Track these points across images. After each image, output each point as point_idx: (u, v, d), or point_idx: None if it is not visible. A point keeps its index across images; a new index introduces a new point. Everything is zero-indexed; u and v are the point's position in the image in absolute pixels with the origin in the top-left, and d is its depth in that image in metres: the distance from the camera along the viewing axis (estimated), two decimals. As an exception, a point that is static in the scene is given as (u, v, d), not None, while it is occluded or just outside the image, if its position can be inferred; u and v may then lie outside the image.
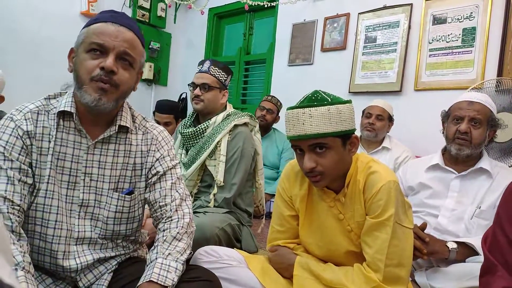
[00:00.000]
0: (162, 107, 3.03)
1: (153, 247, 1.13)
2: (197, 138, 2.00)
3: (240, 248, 1.80)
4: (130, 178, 1.19)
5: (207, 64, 2.01)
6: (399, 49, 3.12)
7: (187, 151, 2.05)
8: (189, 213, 1.20)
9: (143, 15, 4.52)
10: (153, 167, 1.20)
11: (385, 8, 3.23)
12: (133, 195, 1.18)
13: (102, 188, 1.15)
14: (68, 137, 1.11)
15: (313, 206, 1.34)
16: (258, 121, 3.37)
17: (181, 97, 4.36)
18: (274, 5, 3.94)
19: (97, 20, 1.09)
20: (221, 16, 4.78)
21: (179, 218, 1.16)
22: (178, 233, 1.13)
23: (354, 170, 1.25)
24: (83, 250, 1.13)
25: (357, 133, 2.74)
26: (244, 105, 4.40)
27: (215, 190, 1.91)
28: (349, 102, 1.19)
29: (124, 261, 1.22)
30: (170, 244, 1.11)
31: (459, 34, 2.83)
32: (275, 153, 3.44)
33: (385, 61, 3.20)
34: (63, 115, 1.12)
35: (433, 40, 2.95)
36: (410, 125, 2.96)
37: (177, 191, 1.20)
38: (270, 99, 3.50)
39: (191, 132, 1.99)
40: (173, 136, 2.26)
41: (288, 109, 1.20)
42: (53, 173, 1.09)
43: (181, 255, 1.11)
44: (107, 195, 1.15)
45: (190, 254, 1.17)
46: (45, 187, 1.07)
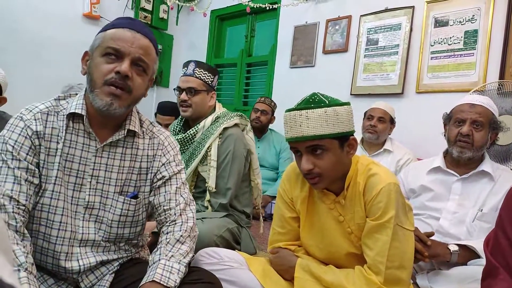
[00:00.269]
0: (164, 109, 3.03)
1: (155, 249, 1.13)
2: (187, 144, 1.95)
3: (240, 250, 1.79)
4: (135, 182, 1.20)
5: (191, 66, 1.95)
6: (401, 51, 3.12)
7: None
8: (193, 217, 1.21)
9: (145, 17, 4.53)
10: (158, 172, 1.21)
11: (387, 10, 3.23)
12: (138, 199, 1.19)
13: (108, 191, 1.16)
14: (77, 139, 1.12)
15: (313, 208, 1.34)
16: (253, 123, 3.41)
17: (183, 99, 4.36)
18: (276, 7, 3.94)
19: (114, 26, 1.11)
20: (223, 18, 4.79)
21: (183, 222, 1.17)
22: (181, 236, 1.14)
23: (354, 172, 1.25)
24: (86, 252, 1.13)
25: (359, 135, 2.77)
26: (245, 106, 4.41)
27: (208, 197, 1.87)
28: (347, 104, 1.19)
29: (125, 262, 1.22)
30: (173, 246, 1.12)
31: (461, 37, 2.82)
32: (273, 154, 3.44)
33: (387, 63, 3.20)
34: (72, 117, 1.12)
35: (435, 43, 2.95)
36: (412, 128, 2.96)
37: (181, 195, 1.21)
38: (263, 101, 3.51)
39: (180, 138, 1.95)
40: None
41: (286, 111, 1.21)
42: (61, 174, 1.09)
43: (184, 257, 1.11)
44: (112, 198, 1.16)
45: (193, 257, 1.17)
46: (52, 188, 1.08)
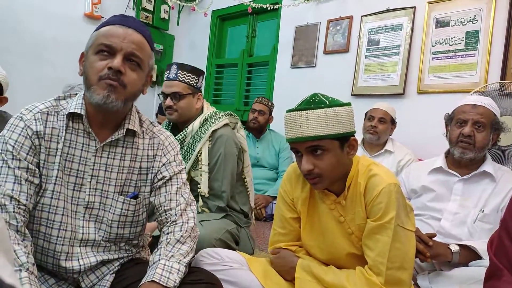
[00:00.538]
0: (165, 109, 3.02)
1: (156, 249, 1.13)
2: None
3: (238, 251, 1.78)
4: (136, 182, 1.20)
5: (174, 70, 1.88)
6: (402, 52, 3.12)
7: None
8: (194, 218, 1.21)
9: (147, 17, 4.54)
10: (159, 172, 1.21)
11: (388, 11, 3.23)
12: (138, 199, 1.19)
13: (107, 191, 1.16)
14: (77, 139, 1.12)
15: (314, 208, 1.34)
16: (251, 123, 3.40)
17: (184, 99, 4.36)
18: (277, 7, 3.94)
19: (107, 24, 1.11)
20: (224, 18, 4.78)
21: (183, 222, 1.17)
22: (182, 236, 1.14)
23: (355, 173, 1.25)
24: (86, 252, 1.13)
25: (360, 135, 2.76)
26: (246, 107, 4.40)
27: (200, 203, 1.84)
28: (347, 104, 1.19)
29: (126, 262, 1.22)
30: (174, 246, 1.12)
31: (462, 37, 2.82)
32: (273, 153, 3.44)
33: (388, 64, 3.19)
34: (72, 117, 1.12)
35: (436, 43, 2.95)
36: (413, 128, 2.96)
37: (182, 196, 1.21)
38: (260, 101, 3.51)
39: None
40: None
41: (286, 111, 1.21)
42: (61, 174, 1.09)
43: (184, 257, 1.11)
44: (112, 198, 1.16)
45: (193, 257, 1.17)
46: (52, 187, 1.08)
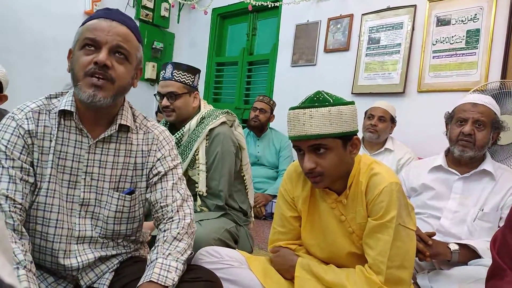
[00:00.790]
0: (165, 107, 3.02)
1: (153, 247, 1.13)
2: None
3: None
4: (131, 178, 1.19)
5: (169, 69, 1.86)
6: (402, 50, 3.12)
7: None
8: (190, 213, 1.20)
9: (147, 15, 4.53)
10: (154, 167, 1.20)
11: (388, 9, 3.22)
12: (133, 195, 1.18)
13: (102, 188, 1.15)
14: (69, 136, 1.12)
15: (315, 207, 1.34)
16: (252, 122, 3.40)
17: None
18: (278, 5, 3.94)
19: (91, 18, 1.10)
20: (224, 16, 4.78)
21: (180, 218, 1.16)
22: (178, 233, 1.13)
23: (356, 172, 1.24)
24: (84, 249, 1.13)
25: (360, 134, 2.76)
26: (246, 105, 4.40)
27: (198, 202, 1.83)
28: (351, 103, 1.18)
29: (125, 260, 1.22)
30: (171, 244, 1.11)
31: (463, 36, 2.81)
32: (273, 152, 3.44)
33: (388, 62, 3.19)
34: (64, 114, 1.12)
35: (436, 42, 2.94)
36: (413, 127, 2.95)
37: (178, 191, 1.20)
38: (262, 99, 3.50)
39: None
40: None
41: (290, 109, 1.20)
42: (54, 172, 1.09)
43: (182, 255, 1.10)
44: (107, 195, 1.15)
45: (191, 254, 1.16)
46: (46, 186, 1.08)
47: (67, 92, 1.16)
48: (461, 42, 2.82)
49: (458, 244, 1.51)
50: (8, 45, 3.52)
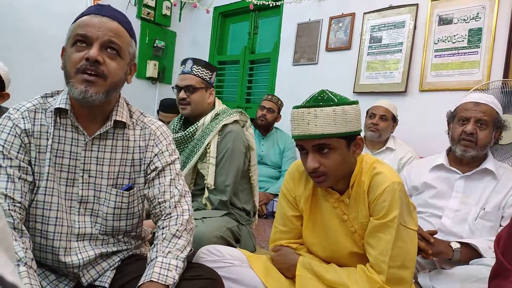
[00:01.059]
0: (166, 106, 3.03)
1: (153, 246, 1.13)
2: (187, 142, 1.95)
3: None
4: (129, 174, 1.19)
5: (189, 64, 1.95)
6: (404, 49, 3.11)
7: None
8: (188, 209, 1.19)
9: (148, 13, 4.53)
10: (151, 163, 1.20)
11: (390, 8, 3.21)
12: (132, 191, 1.18)
13: (100, 185, 1.15)
14: (66, 134, 1.12)
15: (317, 206, 1.34)
16: (259, 120, 3.40)
17: (185, 96, 4.36)
18: (279, 4, 3.93)
19: (82, 15, 1.09)
20: (226, 15, 4.77)
21: (178, 215, 1.16)
22: (177, 230, 1.13)
23: (358, 171, 1.24)
24: (84, 246, 1.13)
25: (361, 133, 2.75)
26: (248, 104, 4.40)
27: (206, 194, 1.87)
28: (355, 103, 1.18)
29: (126, 258, 1.22)
30: (170, 242, 1.11)
31: (465, 35, 2.81)
32: (277, 152, 3.43)
33: (390, 61, 3.18)
34: (59, 112, 1.12)
35: (438, 41, 2.94)
36: (414, 126, 2.95)
37: (176, 187, 1.20)
38: (270, 98, 3.49)
39: (180, 137, 1.94)
40: None
41: (293, 108, 1.20)
42: (52, 170, 1.09)
43: (181, 252, 1.10)
44: (106, 191, 1.15)
45: (191, 251, 1.16)
46: (45, 184, 1.08)
47: (62, 90, 1.16)
48: (463, 41, 2.81)
49: (460, 242, 1.51)
50: (9, 44, 3.52)
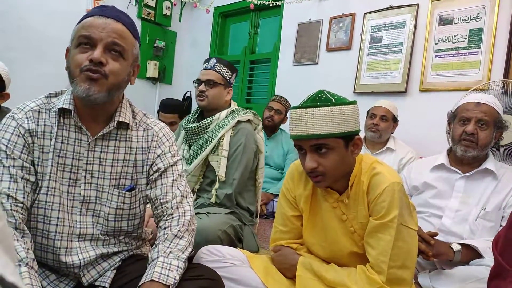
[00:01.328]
0: (167, 107, 3.03)
1: (154, 246, 1.13)
2: (200, 133, 2.01)
3: (242, 248, 1.80)
4: (132, 174, 1.19)
5: (212, 61, 2.04)
6: (404, 49, 3.11)
7: (190, 146, 2.05)
8: (190, 210, 1.20)
9: (149, 13, 4.53)
10: (154, 164, 1.20)
11: (391, 8, 3.21)
12: (133, 192, 1.18)
13: (103, 185, 1.15)
14: (69, 134, 1.12)
15: (317, 206, 1.34)
16: (266, 121, 3.41)
17: (186, 96, 4.37)
18: (280, 4, 3.93)
19: (86, 16, 1.10)
20: (226, 15, 4.77)
21: (180, 215, 1.16)
22: (179, 231, 1.13)
23: (358, 171, 1.24)
24: (85, 246, 1.13)
25: (361, 133, 2.75)
26: (248, 104, 4.40)
27: (217, 185, 1.92)
28: (353, 103, 1.18)
29: (127, 258, 1.22)
30: (171, 242, 1.11)
31: (466, 35, 2.80)
32: (281, 154, 3.43)
33: (390, 61, 3.18)
34: (63, 112, 1.12)
35: (439, 41, 2.93)
36: (415, 126, 2.95)
37: (178, 188, 1.20)
38: (278, 100, 3.48)
39: (194, 127, 2.00)
40: (175, 133, 2.27)
41: (291, 108, 1.20)
42: (55, 170, 1.09)
43: (183, 253, 1.10)
44: (108, 192, 1.16)
45: (192, 251, 1.16)
46: (47, 184, 1.08)
47: (66, 90, 1.17)
48: (463, 41, 2.81)
49: (460, 244, 1.51)
50: (10, 43, 3.52)
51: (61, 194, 1.10)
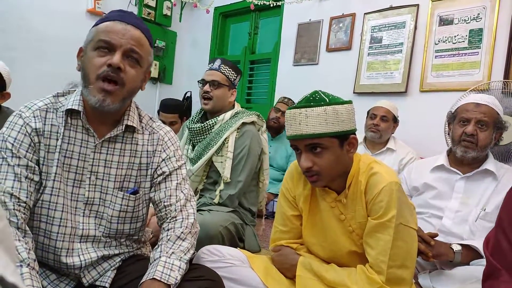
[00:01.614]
0: (167, 107, 3.02)
1: (156, 246, 1.13)
2: (205, 134, 2.01)
3: (243, 248, 1.80)
4: (136, 177, 1.20)
5: (217, 62, 2.04)
6: (405, 50, 3.11)
7: (193, 146, 2.06)
8: (194, 213, 1.21)
9: (149, 13, 4.53)
10: (159, 167, 1.21)
11: (391, 8, 3.21)
12: (137, 195, 1.19)
13: (107, 187, 1.15)
14: (76, 135, 1.12)
15: (316, 206, 1.34)
16: (271, 122, 3.41)
17: (186, 96, 4.37)
18: (280, 4, 3.93)
19: (105, 19, 1.10)
20: (226, 15, 4.78)
21: (183, 218, 1.17)
22: (182, 232, 1.14)
23: (355, 171, 1.24)
24: (86, 248, 1.14)
25: (362, 134, 2.76)
26: (248, 104, 4.40)
27: (221, 187, 1.92)
28: (348, 102, 1.19)
29: (127, 258, 1.22)
30: (174, 243, 1.12)
31: (466, 35, 2.81)
32: (284, 155, 3.42)
33: (390, 61, 3.19)
34: (71, 113, 1.12)
35: (439, 41, 2.94)
36: (415, 127, 2.95)
37: (182, 191, 1.21)
38: (286, 102, 3.48)
39: (199, 127, 2.00)
40: (178, 133, 2.28)
41: (287, 108, 1.22)
42: (60, 170, 1.09)
43: (185, 254, 1.11)
44: (112, 194, 1.16)
45: (194, 254, 1.17)
46: (51, 184, 1.08)
47: (74, 90, 1.17)
48: (463, 41, 2.81)
49: (461, 244, 1.51)
50: (11, 43, 3.53)
51: (65, 195, 1.10)
